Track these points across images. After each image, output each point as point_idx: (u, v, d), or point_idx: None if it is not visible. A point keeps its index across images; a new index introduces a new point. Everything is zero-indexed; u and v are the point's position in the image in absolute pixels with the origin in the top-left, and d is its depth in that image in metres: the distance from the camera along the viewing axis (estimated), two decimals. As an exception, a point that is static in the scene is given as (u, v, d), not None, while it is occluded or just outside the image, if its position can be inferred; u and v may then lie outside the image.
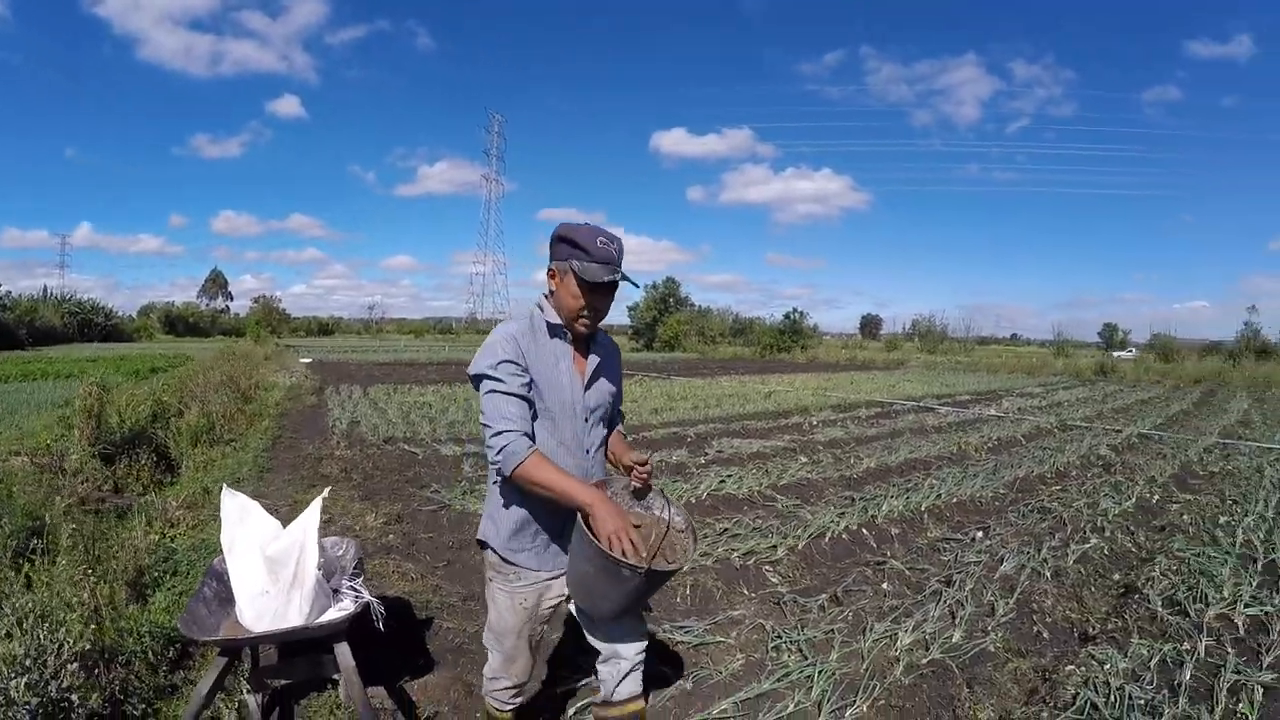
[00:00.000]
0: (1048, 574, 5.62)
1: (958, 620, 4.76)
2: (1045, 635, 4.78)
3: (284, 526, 3.09)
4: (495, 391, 2.48)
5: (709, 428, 12.86)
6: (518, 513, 2.66)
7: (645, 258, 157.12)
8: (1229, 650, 4.37)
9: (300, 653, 3.27)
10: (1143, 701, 3.77)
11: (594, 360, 2.74)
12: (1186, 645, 4.42)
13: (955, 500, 7.87)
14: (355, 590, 3.18)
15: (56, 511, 5.31)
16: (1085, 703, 3.76)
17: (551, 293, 2.62)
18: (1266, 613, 4.93)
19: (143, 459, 8.03)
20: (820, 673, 4.04)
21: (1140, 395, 23.23)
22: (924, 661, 4.25)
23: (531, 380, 2.55)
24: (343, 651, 2.94)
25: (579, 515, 2.39)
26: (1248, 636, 4.65)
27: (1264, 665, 4.23)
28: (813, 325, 54.02)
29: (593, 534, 2.32)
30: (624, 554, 2.28)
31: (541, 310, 2.66)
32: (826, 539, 6.36)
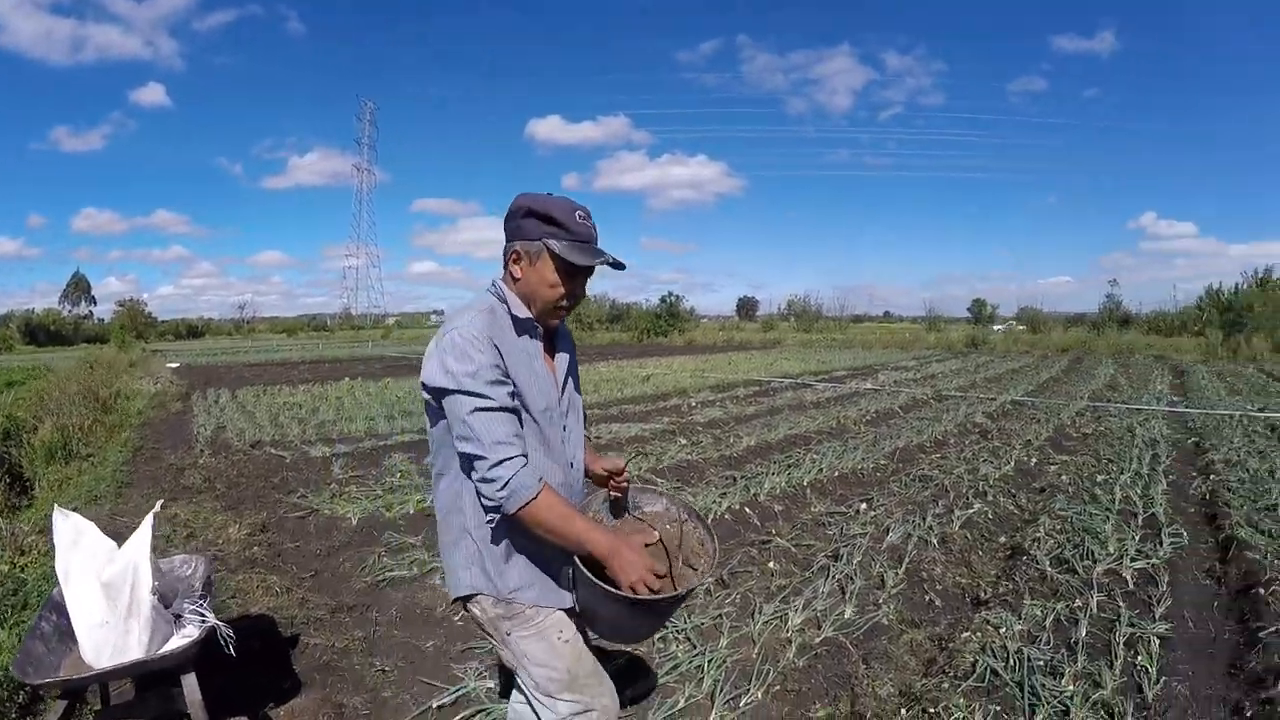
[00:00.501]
0: (934, 541, 5.46)
1: (848, 595, 4.54)
2: (938, 603, 4.63)
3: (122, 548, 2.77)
4: (484, 410, 1.97)
5: (585, 413, 12.44)
6: (516, 544, 2.15)
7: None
8: (1121, 604, 4.29)
9: (151, 687, 2.97)
10: (1042, 662, 3.63)
11: (563, 358, 2.32)
12: (1079, 602, 4.32)
13: (837, 474, 7.72)
14: (200, 614, 2.85)
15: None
16: (985, 669, 3.57)
17: (515, 279, 2.15)
18: (1153, 565, 4.91)
19: (-4, 485, 7.48)
20: (710, 661, 3.76)
21: (1011, 365, 23.96)
22: (817, 640, 4.04)
23: (516, 389, 2.07)
24: (189, 684, 2.63)
25: (577, 557, 2.05)
26: (1137, 589, 4.60)
27: (1156, 616, 4.17)
28: (689, 308, 54.39)
29: (600, 578, 2.00)
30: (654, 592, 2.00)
31: (504, 301, 2.16)
32: (709, 520, 6.08)
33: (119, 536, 2.85)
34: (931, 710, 3.30)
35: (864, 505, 6.52)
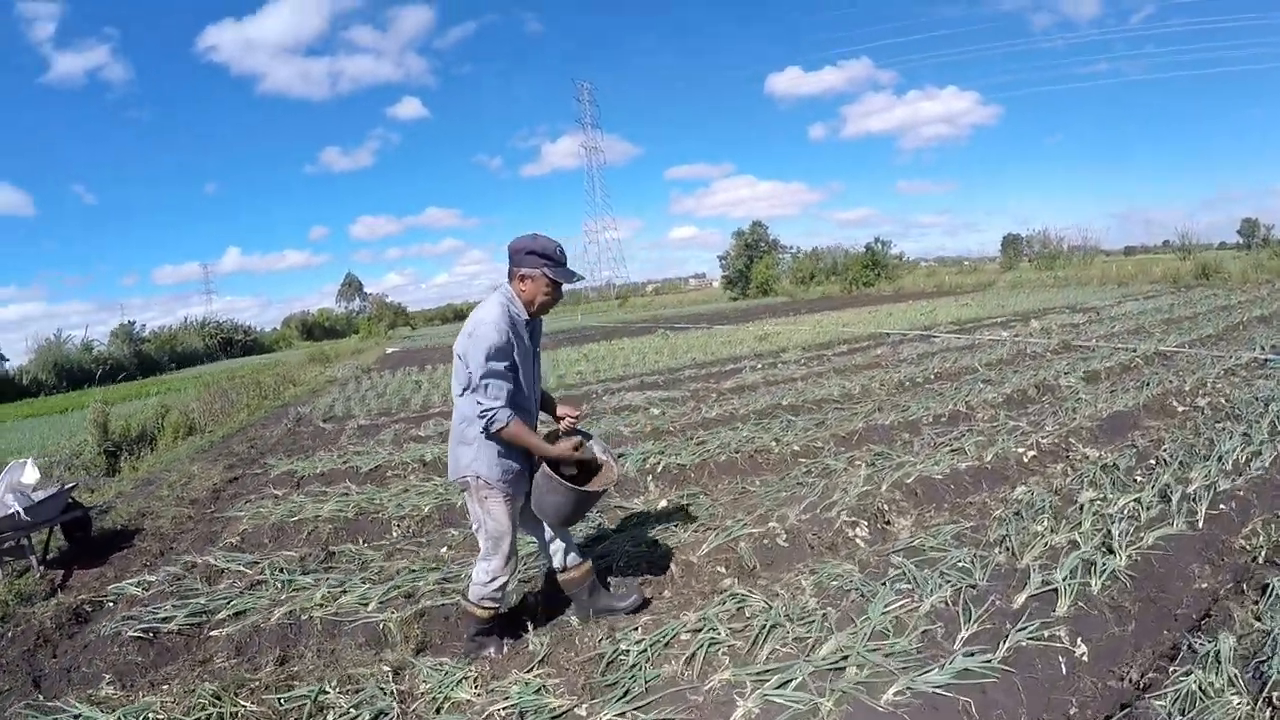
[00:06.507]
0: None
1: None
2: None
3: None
4: (489, 375, 3.41)
5: (628, 382, 12.96)
6: (501, 452, 3.58)
7: (778, 201, 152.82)
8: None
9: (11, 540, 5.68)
10: None
11: (537, 336, 3.82)
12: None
13: (754, 449, 6.94)
14: (10, 505, 5.63)
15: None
16: None
17: (522, 291, 3.59)
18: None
19: (140, 452, 11.18)
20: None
21: (1225, 301, 18.57)
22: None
23: (514, 361, 3.51)
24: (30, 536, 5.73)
25: (544, 465, 3.59)
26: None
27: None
28: (897, 254, 51.18)
29: (558, 476, 3.58)
30: (574, 451, 3.71)
31: (511, 303, 3.57)
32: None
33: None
34: None
35: (704, 497, 5.93)
